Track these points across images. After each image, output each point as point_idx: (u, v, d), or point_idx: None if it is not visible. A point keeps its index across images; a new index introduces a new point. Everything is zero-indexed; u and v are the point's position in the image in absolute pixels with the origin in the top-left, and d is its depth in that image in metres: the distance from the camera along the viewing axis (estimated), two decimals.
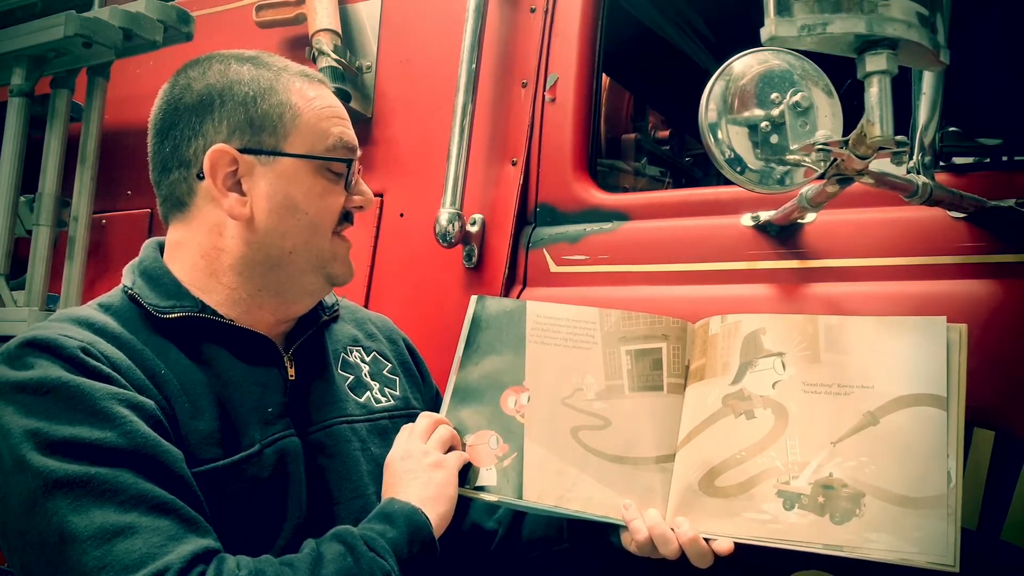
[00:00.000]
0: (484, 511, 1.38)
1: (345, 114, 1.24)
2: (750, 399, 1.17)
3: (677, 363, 1.26)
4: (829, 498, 1.07)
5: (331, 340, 1.33)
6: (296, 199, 1.17)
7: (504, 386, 1.30)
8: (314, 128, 1.18)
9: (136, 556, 0.91)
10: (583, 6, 1.76)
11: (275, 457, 1.14)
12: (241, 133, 1.15)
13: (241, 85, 1.17)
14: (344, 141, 1.21)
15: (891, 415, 1.09)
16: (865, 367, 1.13)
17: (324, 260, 1.21)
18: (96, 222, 2.29)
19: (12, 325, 2.03)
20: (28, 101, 2.16)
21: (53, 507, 0.93)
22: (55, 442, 0.96)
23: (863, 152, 1.06)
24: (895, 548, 1.03)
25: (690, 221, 1.56)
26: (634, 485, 1.20)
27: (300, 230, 1.17)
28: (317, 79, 1.24)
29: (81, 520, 0.93)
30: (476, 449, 1.27)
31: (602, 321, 1.29)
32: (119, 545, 0.92)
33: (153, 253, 1.23)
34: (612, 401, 1.25)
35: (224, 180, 1.15)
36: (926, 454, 1.05)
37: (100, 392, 1.00)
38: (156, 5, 2.17)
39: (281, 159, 1.16)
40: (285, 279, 1.19)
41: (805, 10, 0.95)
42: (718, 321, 1.25)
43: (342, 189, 1.21)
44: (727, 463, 1.15)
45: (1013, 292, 1.25)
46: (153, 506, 0.96)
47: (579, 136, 1.73)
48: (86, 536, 0.92)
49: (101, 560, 0.91)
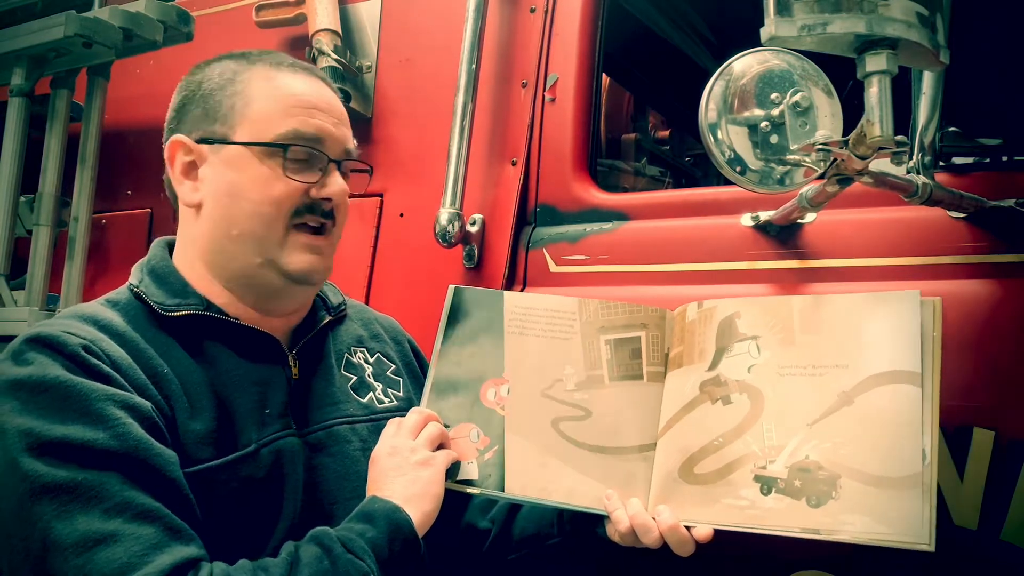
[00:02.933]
0: (478, 511, 1.38)
1: (319, 104, 1.21)
2: (726, 384, 1.17)
3: (656, 351, 1.26)
4: (805, 481, 1.07)
5: (336, 340, 1.33)
6: (239, 186, 1.17)
7: (484, 378, 1.29)
8: (265, 115, 1.17)
9: (116, 565, 0.91)
10: (583, 6, 1.76)
11: (271, 457, 1.14)
12: (198, 125, 1.20)
13: (207, 81, 1.21)
14: (300, 131, 1.17)
15: (865, 394, 1.08)
16: (840, 346, 1.12)
17: (272, 251, 1.17)
18: (96, 222, 2.30)
19: (12, 325, 2.03)
20: (28, 101, 2.17)
21: (39, 512, 0.93)
22: (46, 443, 0.96)
23: (863, 152, 1.06)
24: (871, 529, 1.02)
25: (690, 221, 1.56)
26: (616, 475, 1.20)
27: (244, 217, 1.17)
28: (302, 68, 1.23)
29: (65, 527, 0.93)
30: (457, 443, 1.26)
31: (581, 311, 1.29)
32: (100, 553, 0.92)
33: (161, 252, 1.24)
34: (592, 391, 1.25)
35: (182, 169, 1.20)
36: (901, 433, 1.04)
37: (96, 393, 1.00)
38: (156, 5, 2.17)
39: (228, 147, 1.17)
40: (243, 271, 1.19)
41: (805, 10, 0.96)
42: (695, 308, 1.24)
43: (298, 179, 1.17)
44: (705, 450, 1.15)
45: (1013, 292, 1.25)
46: (137, 513, 0.96)
47: (579, 136, 1.73)
48: (68, 544, 0.92)
49: (81, 569, 0.91)
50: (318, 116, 1.20)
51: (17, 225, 2.18)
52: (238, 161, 1.17)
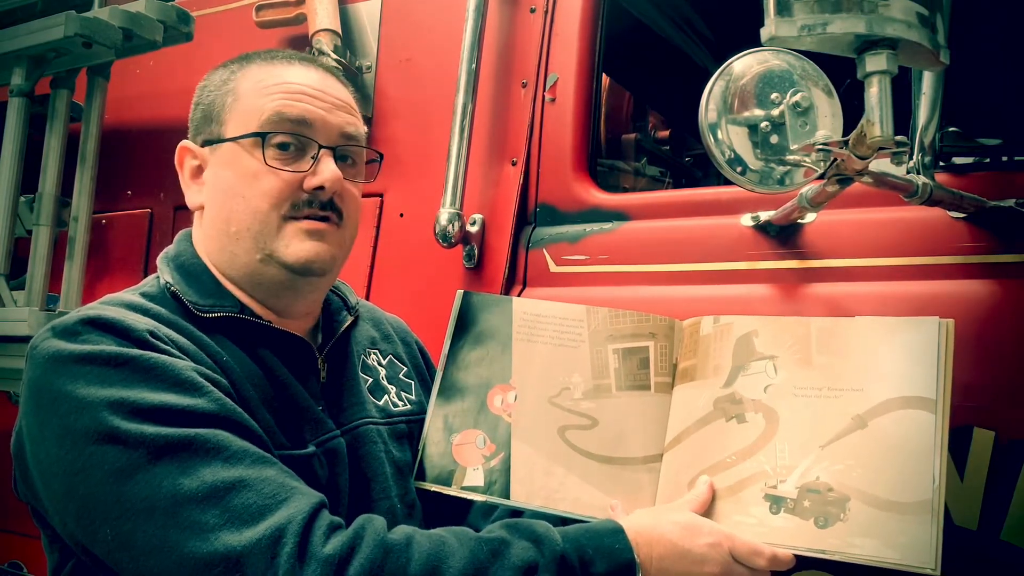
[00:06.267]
0: (480, 515, 1.38)
1: (307, 89, 1.16)
2: (741, 403, 1.17)
3: (664, 362, 1.26)
4: (815, 502, 1.07)
5: (354, 341, 1.33)
6: (232, 181, 1.16)
7: (491, 384, 1.29)
8: (249, 107, 1.15)
9: (254, 509, 0.92)
10: (583, 6, 1.76)
11: (329, 458, 1.15)
12: (200, 129, 1.21)
13: (209, 85, 1.22)
14: (284, 114, 1.13)
15: (880, 418, 1.08)
16: (856, 369, 1.12)
17: (270, 244, 1.14)
18: (96, 222, 2.29)
19: (12, 325, 2.03)
20: (28, 101, 2.16)
21: (161, 471, 0.92)
22: (144, 409, 0.95)
23: (863, 152, 1.05)
24: (878, 553, 1.03)
25: (690, 221, 1.56)
26: (621, 485, 1.20)
27: (241, 213, 1.15)
28: (298, 58, 1.21)
29: (192, 481, 0.92)
30: (463, 448, 1.26)
31: (589, 319, 1.29)
32: (235, 500, 0.92)
33: (190, 247, 1.22)
34: (599, 400, 1.25)
35: (190, 173, 1.21)
36: (913, 458, 1.05)
37: (180, 365, 1.00)
38: (156, 5, 2.16)
39: (222, 145, 1.17)
40: (247, 269, 1.17)
41: (805, 10, 0.95)
42: (710, 322, 1.24)
43: (283, 168, 1.13)
44: (716, 467, 1.15)
45: (1013, 292, 1.25)
46: (256, 459, 0.97)
47: (579, 136, 1.73)
48: (201, 495, 0.91)
49: (221, 516, 0.91)
50: (305, 100, 1.15)
51: (17, 225, 2.18)
52: (230, 158, 1.16)
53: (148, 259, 2.30)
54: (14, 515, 2.19)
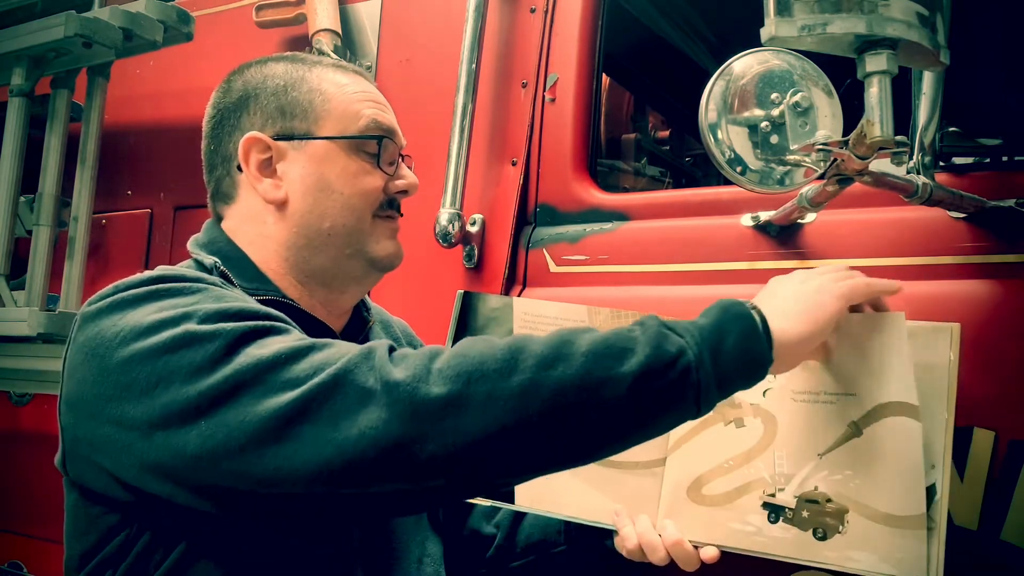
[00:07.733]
0: (483, 516, 1.38)
1: (382, 99, 1.27)
2: (740, 407, 1.16)
3: None
4: (813, 513, 1.07)
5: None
6: (329, 179, 1.19)
7: None
8: (345, 111, 1.21)
9: (335, 355, 0.92)
10: (583, 6, 1.76)
11: None
12: (273, 121, 1.20)
13: (274, 78, 1.22)
14: (378, 123, 1.23)
15: (873, 425, 1.07)
16: (852, 373, 1.11)
17: (363, 241, 1.21)
18: (96, 222, 2.29)
19: (12, 325, 2.03)
20: (28, 101, 2.16)
21: (242, 355, 0.92)
22: (213, 313, 0.96)
23: (863, 152, 1.05)
24: (875, 568, 1.03)
25: (690, 221, 1.56)
26: (625, 490, 1.20)
27: (337, 210, 1.19)
28: (352, 69, 1.27)
29: (272, 352, 0.92)
30: None
31: (591, 319, 1.28)
32: (315, 356, 0.92)
33: (224, 235, 1.22)
34: None
35: (259, 166, 1.20)
36: (909, 468, 1.04)
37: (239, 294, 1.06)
38: (156, 5, 2.16)
39: (313, 142, 1.19)
40: (328, 264, 1.20)
41: (805, 10, 0.95)
42: None
43: (380, 171, 1.22)
44: (715, 472, 1.15)
45: (1013, 292, 1.25)
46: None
47: (579, 136, 1.73)
48: (284, 357, 0.92)
49: (311, 365, 0.91)
50: (381, 108, 1.25)
51: (17, 225, 2.18)
52: (326, 156, 1.19)
53: (148, 259, 2.30)
54: (14, 515, 2.20)
